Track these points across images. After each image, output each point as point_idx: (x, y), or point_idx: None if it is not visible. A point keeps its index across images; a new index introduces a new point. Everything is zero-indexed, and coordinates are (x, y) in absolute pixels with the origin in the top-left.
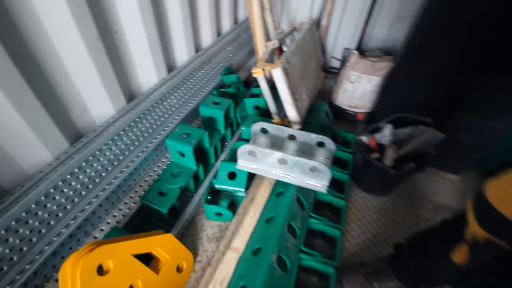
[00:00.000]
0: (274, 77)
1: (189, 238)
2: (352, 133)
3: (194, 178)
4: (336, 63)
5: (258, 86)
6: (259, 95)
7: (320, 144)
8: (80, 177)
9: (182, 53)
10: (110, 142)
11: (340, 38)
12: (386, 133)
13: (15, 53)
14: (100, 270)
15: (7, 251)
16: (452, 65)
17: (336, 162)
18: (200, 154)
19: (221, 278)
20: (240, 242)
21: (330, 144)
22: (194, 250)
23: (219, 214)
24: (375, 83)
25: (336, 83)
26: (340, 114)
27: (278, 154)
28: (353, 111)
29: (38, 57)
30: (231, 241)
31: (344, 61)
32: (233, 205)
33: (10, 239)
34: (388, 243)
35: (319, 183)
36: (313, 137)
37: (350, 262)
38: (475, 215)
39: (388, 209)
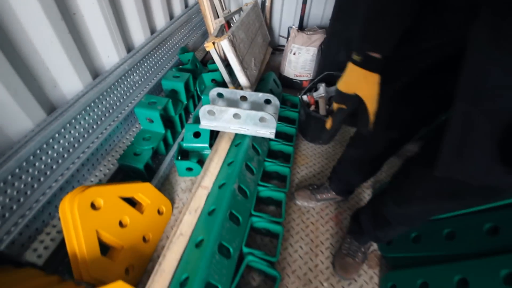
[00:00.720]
0: (223, 48)
1: (165, 192)
2: (298, 96)
3: (164, 142)
4: (283, 41)
5: (213, 62)
6: (215, 70)
7: (267, 102)
8: (61, 141)
9: (138, 34)
10: (83, 112)
11: (284, 18)
12: (321, 91)
13: None
14: (93, 207)
15: (7, 201)
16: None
17: (286, 121)
18: (167, 124)
19: (195, 207)
20: (208, 181)
21: (275, 100)
22: (171, 200)
23: (189, 169)
24: (313, 52)
25: (283, 57)
26: (289, 84)
27: (232, 110)
28: (299, 80)
29: (10, 35)
30: (200, 182)
31: (288, 36)
32: (201, 162)
33: (8, 191)
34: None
35: (267, 131)
36: (261, 96)
37: (300, 186)
38: (334, 99)
39: (330, 153)
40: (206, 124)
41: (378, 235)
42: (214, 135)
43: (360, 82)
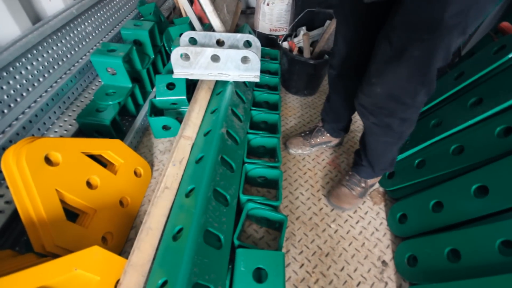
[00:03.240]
0: None
1: (142, 155)
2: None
3: (133, 101)
4: (253, 3)
5: (179, 17)
6: (183, 23)
7: (248, 44)
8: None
9: None
10: (23, 60)
11: None
12: (300, 37)
13: None
14: (49, 162)
15: None
16: None
17: (267, 73)
18: (134, 82)
19: (179, 158)
20: (191, 132)
21: (255, 41)
22: (150, 163)
23: (167, 128)
24: (288, 1)
25: (256, 11)
26: (265, 40)
27: (210, 50)
28: (275, 35)
29: None
30: (182, 134)
31: None
32: (180, 120)
33: None
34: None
35: (251, 74)
36: (239, 37)
37: (291, 134)
38: None
39: (316, 104)
40: (181, 72)
41: (369, 156)
42: (191, 89)
43: None
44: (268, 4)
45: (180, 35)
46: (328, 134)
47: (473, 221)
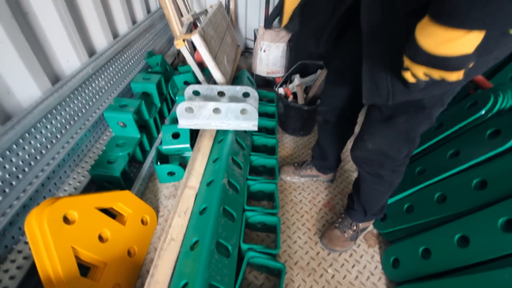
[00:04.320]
0: (195, 44)
1: (147, 201)
2: (273, 92)
3: (140, 148)
4: (251, 44)
5: (184, 65)
6: (187, 72)
7: (246, 95)
8: (20, 153)
9: (100, 38)
10: (43, 120)
11: (249, 20)
12: (296, 82)
13: None
14: (66, 220)
15: None
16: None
17: (265, 116)
18: (142, 129)
19: (184, 209)
20: (195, 181)
21: (253, 92)
22: (155, 209)
23: (171, 174)
24: (282, 48)
25: (253, 56)
26: (262, 82)
27: (212, 104)
28: (271, 77)
29: None
30: (186, 183)
31: (256, 38)
32: (184, 166)
33: None
34: None
35: (250, 123)
36: (239, 89)
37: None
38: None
39: (311, 143)
40: (185, 123)
41: (361, 201)
42: (194, 135)
43: None
44: (264, 51)
45: (185, 82)
46: (316, 169)
47: (461, 269)
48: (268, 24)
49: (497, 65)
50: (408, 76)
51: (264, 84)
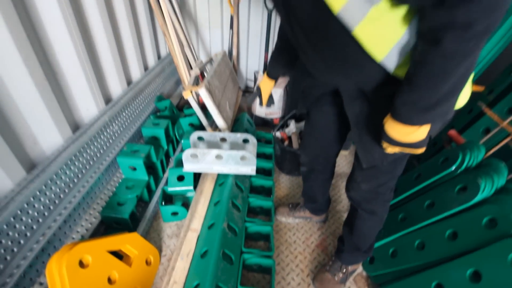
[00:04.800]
0: (201, 95)
1: (151, 240)
2: (271, 133)
3: (147, 189)
4: (251, 83)
5: (189, 107)
6: (191, 115)
7: (245, 141)
8: (42, 199)
9: (116, 86)
10: (64, 167)
11: (250, 64)
12: (291, 127)
13: None
14: (81, 265)
15: None
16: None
17: (263, 156)
18: (149, 171)
19: (186, 251)
20: (197, 224)
21: (252, 139)
22: (158, 248)
23: (175, 213)
24: (280, 93)
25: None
26: (261, 122)
27: (214, 151)
28: (270, 118)
29: None
30: (189, 225)
31: (255, 80)
32: (186, 205)
33: None
34: None
35: (249, 168)
36: (239, 136)
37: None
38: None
39: None
40: (190, 167)
41: (354, 239)
42: (196, 176)
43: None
44: None
45: (190, 124)
46: (308, 211)
47: None
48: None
49: (470, 119)
50: (388, 150)
51: (263, 123)
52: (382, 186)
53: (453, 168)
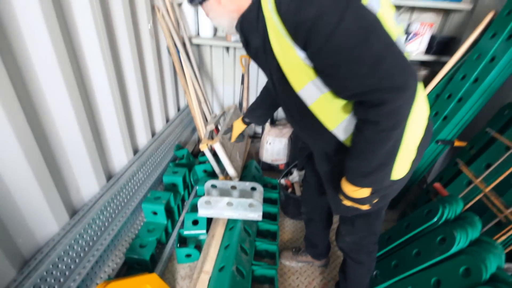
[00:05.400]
0: (215, 149)
1: (166, 281)
2: (276, 179)
3: (165, 232)
4: (259, 130)
5: (203, 155)
6: (205, 161)
7: (253, 188)
8: (80, 241)
9: (142, 138)
10: (99, 212)
11: None
12: (295, 175)
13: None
14: None
15: None
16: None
17: (269, 201)
18: (167, 214)
19: None
20: (209, 266)
21: (259, 187)
22: None
23: (188, 255)
24: (284, 142)
25: (260, 146)
26: (268, 167)
27: (226, 199)
28: (275, 164)
29: (52, 149)
30: (202, 268)
31: (263, 127)
32: (199, 247)
33: None
34: None
35: (255, 214)
36: (247, 184)
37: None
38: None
39: None
40: (204, 212)
41: (348, 285)
42: (208, 220)
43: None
44: (270, 144)
45: (204, 171)
46: (310, 256)
47: None
48: (270, 121)
49: (455, 172)
50: (344, 202)
51: (269, 168)
52: (364, 240)
53: (435, 219)
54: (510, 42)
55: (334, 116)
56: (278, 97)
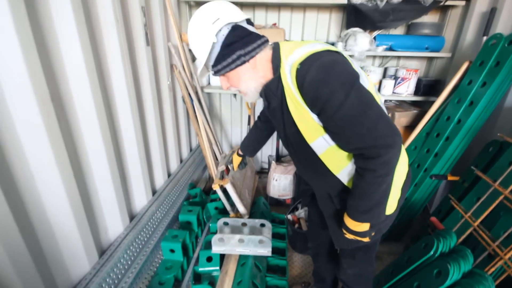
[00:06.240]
0: (227, 189)
1: None
2: (284, 214)
3: (181, 268)
4: (266, 165)
5: (214, 193)
6: (216, 199)
7: (262, 225)
8: (108, 280)
9: (160, 179)
10: (123, 251)
11: (264, 150)
12: (300, 211)
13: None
14: None
15: None
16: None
17: (277, 236)
18: (183, 251)
19: None
20: None
21: (267, 224)
22: None
23: None
24: (290, 179)
25: (268, 182)
26: (275, 202)
27: (237, 236)
28: (282, 198)
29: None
30: None
31: (270, 164)
32: (212, 284)
33: None
34: None
35: (265, 250)
36: (257, 221)
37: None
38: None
39: None
40: (218, 249)
41: None
42: (221, 255)
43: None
44: (276, 180)
45: (215, 208)
46: None
47: None
48: (276, 159)
49: (448, 208)
50: (347, 235)
51: (277, 203)
52: (364, 270)
53: (431, 253)
54: (485, 88)
55: (339, 163)
56: (288, 145)
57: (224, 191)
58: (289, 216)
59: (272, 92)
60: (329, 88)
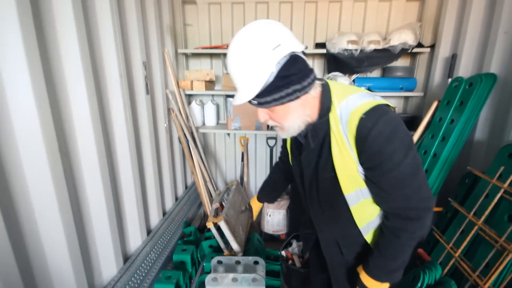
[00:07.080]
0: (220, 226)
1: None
2: (278, 250)
3: None
4: None
5: (209, 230)
6: (211, 237)
7: (256, 262)
8: None
9: (155, 218)
10: None
11: (258, 184)
12: (294, 246)
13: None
14: None
15: None
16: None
17: (272, 274)
18: None
19: None
20: None
21: (261, 261)
22: None
23: None
24: (283, 214)
25: (261, 217)
26: (270, 238)
27: (231, 275)
28: (277, 234)
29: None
30: None
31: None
32: None
33: None
34: None
35: None
36: (250, 259)
37: None
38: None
39: None
40: None
41: None
42: None
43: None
44: (270, 216)
45: (210, 246)
46: None
47: None
48: None
49: (435, 239)
50: None
51: (271, 239)
52: None
53: (419, 285)
54: (453, 125)
55: (366, 216)
56: (312, 190)
57: (218, 228)
58: (283, 252)
59: (317, 133)
60: (393, 145)
